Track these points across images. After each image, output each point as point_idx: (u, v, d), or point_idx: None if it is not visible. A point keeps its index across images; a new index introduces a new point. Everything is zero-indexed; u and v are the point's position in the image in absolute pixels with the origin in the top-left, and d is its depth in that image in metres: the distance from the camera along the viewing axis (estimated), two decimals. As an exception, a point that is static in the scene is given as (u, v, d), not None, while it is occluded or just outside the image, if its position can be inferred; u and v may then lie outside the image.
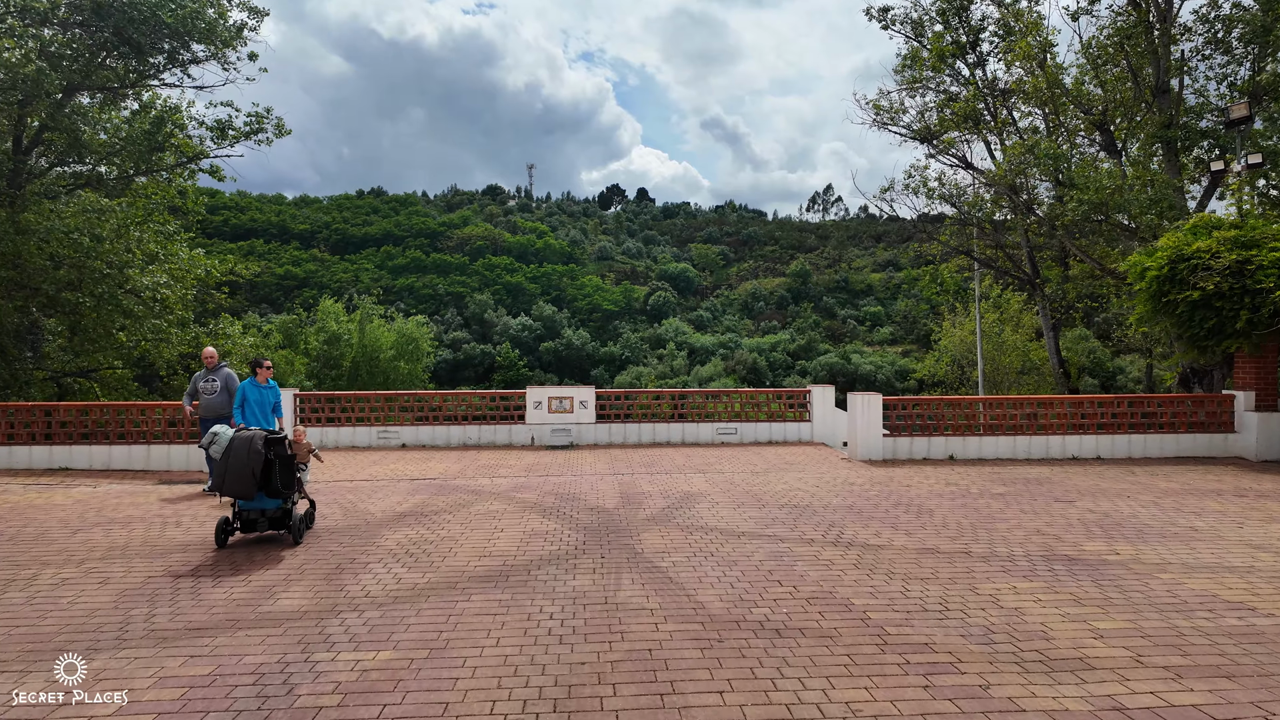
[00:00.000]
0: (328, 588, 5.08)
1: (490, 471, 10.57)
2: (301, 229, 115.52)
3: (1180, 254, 12.11)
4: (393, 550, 6.04)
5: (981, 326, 35.86)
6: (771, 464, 11.19)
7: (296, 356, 34.86)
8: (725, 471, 10.43)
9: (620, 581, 5.18)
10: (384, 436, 13.30)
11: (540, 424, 13.60)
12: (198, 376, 9.34)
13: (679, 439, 13.83)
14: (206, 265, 21.71)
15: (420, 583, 5.18)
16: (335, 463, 11.45)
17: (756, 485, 9.22)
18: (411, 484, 9.43)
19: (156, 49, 16.45)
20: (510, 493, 8.73)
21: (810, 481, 9.52)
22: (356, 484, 9.47)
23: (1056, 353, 23.19)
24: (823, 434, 13.87)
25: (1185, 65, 17.78)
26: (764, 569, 5.50)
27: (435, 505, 7.95)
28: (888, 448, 11.58)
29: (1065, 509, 7.78)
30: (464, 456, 12.14)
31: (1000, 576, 5.35)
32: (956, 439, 11.72)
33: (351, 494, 8.71)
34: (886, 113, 20.58)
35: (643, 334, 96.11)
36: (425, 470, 10.67)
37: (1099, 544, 6.29)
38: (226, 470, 5.73)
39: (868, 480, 9.63)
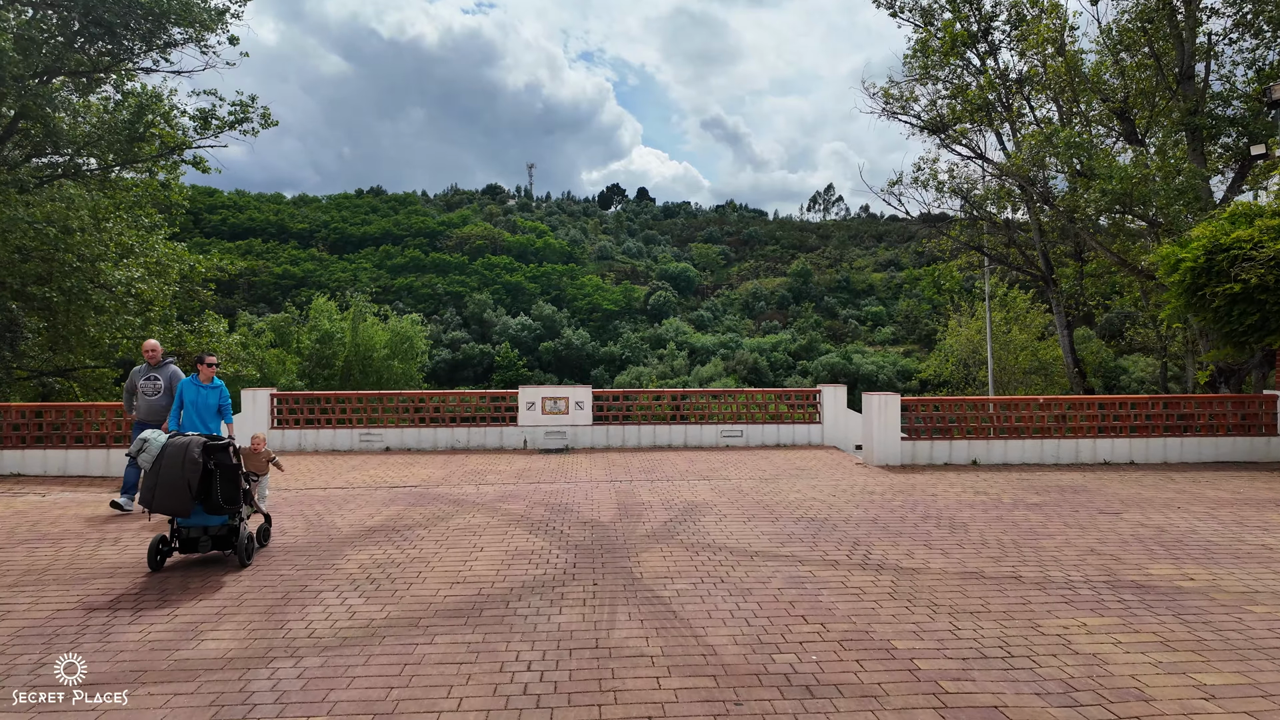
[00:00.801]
0: (266, 625, 4.26)
1: (477, 477, 9.75)
2: (300, 228, 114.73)
3: (1218, 244, 11.29)
4: (352, 575, 5.23)
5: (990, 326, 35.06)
6: (781, 469, 10.36)
7: (288, 356, 34.08)
8: (732, 478, 9.61)
9: (615, 617, 4.37)
10: (367, 440, 12.48)
11: (533, 426, 12.79)
12: (137, 372, 7.92)
13: (681, 442, 13.01)
14: (191, 260, 20.94)
15: (377, 618, 4.36)
16: (311, 468, 10.63)
17: (767, 494, 8.39)
18: (389, 493, 8.61)
19: (130, 30, 15.63)
20: (496, 503, 7.91)
21: (825, 490, 8.69)
22: (329, 492, 8.65)
23: (1071, 351, 22.35)
24: (834, 437, 13.04)
25: (1211, 49, 16.97)
26: (784, 599, 4.69)
27: (411, 518, 7.13)
28: (906, 452, 10.76)
29: (1113, 522, 6.96)
30: (451, 461, 11.32)
31: (1063, 609, 4.53)
32: (980, 442, 10.90)
33: (321, 504, 7.90)
34: (897, 101, 19.77)
35: (643, 334, 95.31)
36: (407, 476, 9.85)
37: (1165, 566, 5.47)
38: (157, 483, 4.92)
39: (888, 488, 8.81)
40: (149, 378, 7.85)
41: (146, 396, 7.81)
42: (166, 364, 7.98)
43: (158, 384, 7.79)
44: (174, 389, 7.64)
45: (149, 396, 7.80)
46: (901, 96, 19.88)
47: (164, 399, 7.77)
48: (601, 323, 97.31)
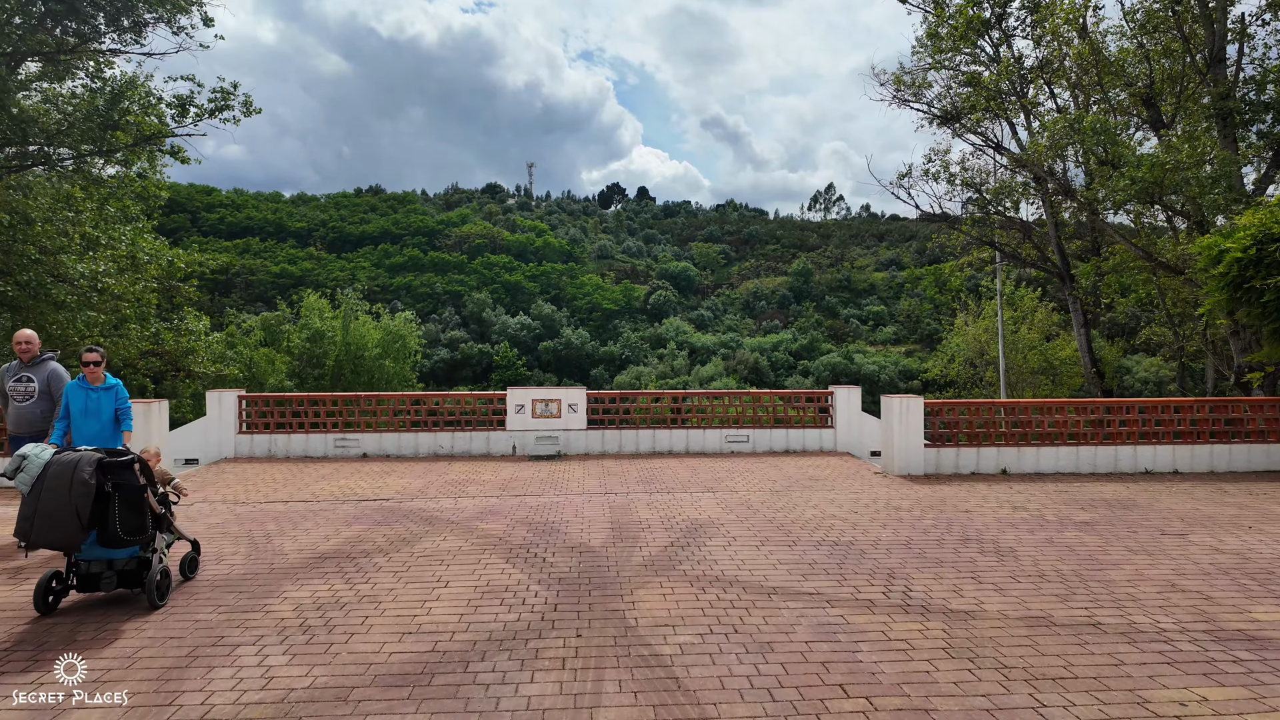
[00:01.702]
0: (153, 700, 3.32)
1: (457, 489, 8.81)
2: (298, 227, 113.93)
3: (1268, 234, 10.35)
4: (283, 621, 4.28)
5: (998, 325, 34.13)
6: (793, 479, 9.42)
7: (278, 355, 33.12)
8: (739, 490, 8.66)
9: (601, 686, 3.43)
10: (342, 445, 11.54)
11: (523, 430, 11.84)
12: (5, 372, 6.33)
13: (682, 447, 12.06)
14: (170, 255, 20.03)
15: (298, 687, 3.42)
16: (278, 478, 9.68)
17: (780, 510, 7.44)
18: (356, 508, 7.67)
19: (96, 6, 14.69)
20: (474, 521, 6.96)
21: (845, 505, 7.75)
22: (290, 507, 7.71)
23: (1089, 351, 21.41)
24: (848, 442, 12.09)
25: (1244, 31, 16.02)
26: (814, 658, 3.75)
27: (372, 541, 6.18)
28: (930, 460, 9.81)
29: (1182, 547, 6.02)
30: (432, 469, 10.37)
31: (1168, 672, 3.59)
32: (1009, 450, 9.95)
33: (276, 522, 6.96)
34: (909, 88, 18.79)
35: (643, 333, 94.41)
36: (380, 487, 8.91)
37: (1271, 608, 4.53)
38: (36, 510, 3.97)
39: (915, 502, 7.86)
40: (20, 378, 6.23)
41: (17, 403, 6.21)
42: (44, 359, 6.37)
43: (31, 386, 6.20)
44: (56, 393, 6.24)
45: (19, 403, 6.20)
46: (914, 83, 18.91)
47: (39, 404, 6.22)
48: (601, 322, 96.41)
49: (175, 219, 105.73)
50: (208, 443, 11.19)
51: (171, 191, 20.16)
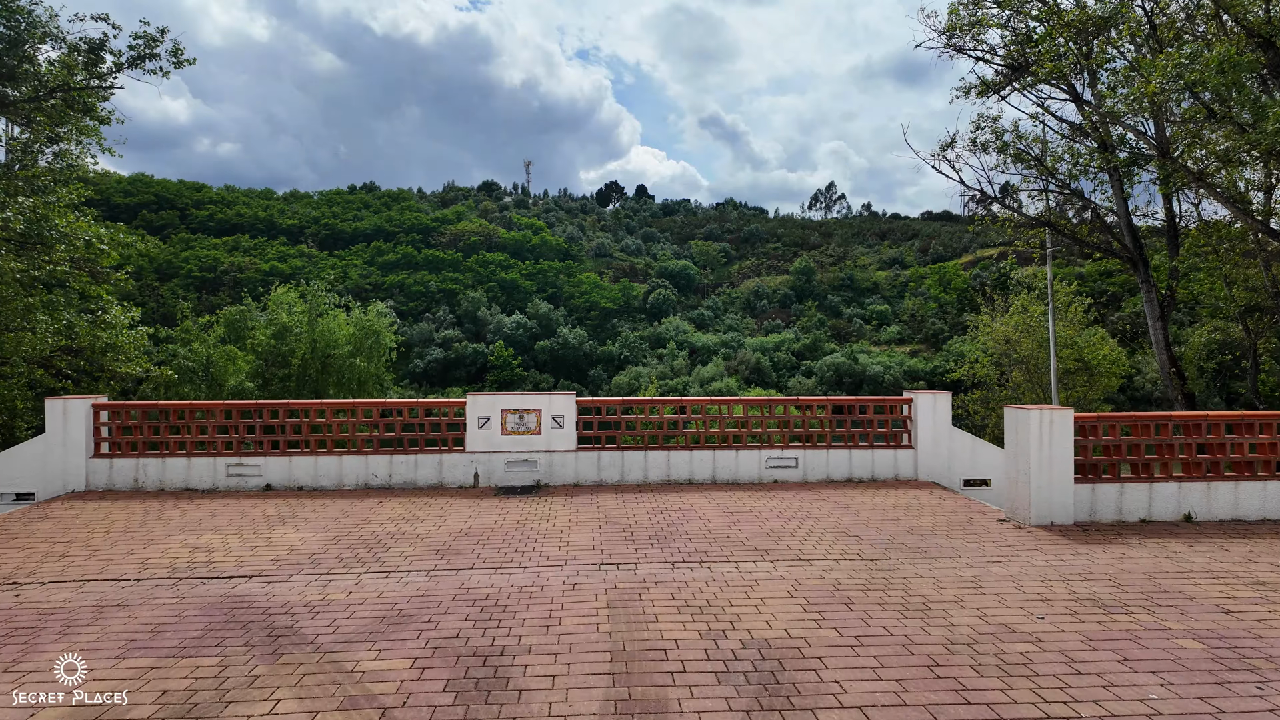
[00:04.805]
0: None
1: (371, 554, 5.65)
2: (290, 224, 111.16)
3: None
4: None
5: (1029, 321, 31.11)
6: (884, 532, 6.26)
7: (240, 354, 29.83)
8: (811, 558, 5.50)
9: None
10: (238, 473, 8.33)
11: (488, 452, 8.65)
12: None
13: (706, 475, 8.87)
14: (89, 234, 16.95)
15: None
16: (116, 527, 6.50)
17: (901, 609, 4.26)
18: (177, 604, 4.50)
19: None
20: (360, 644, 3.80)
21: (1001, 591, 4.59)
22: (82, 593, 4.54)
23: (1166, 348, 18.27)
24: (932, 468, 8.89)
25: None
26: None
27: (123, 715, 3.04)
28: (1082, 501, 6.65)
29: None
30: (351, 511, 7.20)
31: None
32: (1195, 485, 6.80)
33: (11, 639, 3.80)
34: (967, 30, 15.62)
35: (642, 333, 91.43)
36: (254, 550, 5.74)
37: None
38: None
39: (1106, 579, 4.71)
40: None
41: None
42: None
43: None
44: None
45: None
46: (971, 23, 15.70)
47: None
48: (599, 321, 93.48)
49: (164, 215, 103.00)
50: (47, 471, 8.00)
51: (160, 187, 17.10)
